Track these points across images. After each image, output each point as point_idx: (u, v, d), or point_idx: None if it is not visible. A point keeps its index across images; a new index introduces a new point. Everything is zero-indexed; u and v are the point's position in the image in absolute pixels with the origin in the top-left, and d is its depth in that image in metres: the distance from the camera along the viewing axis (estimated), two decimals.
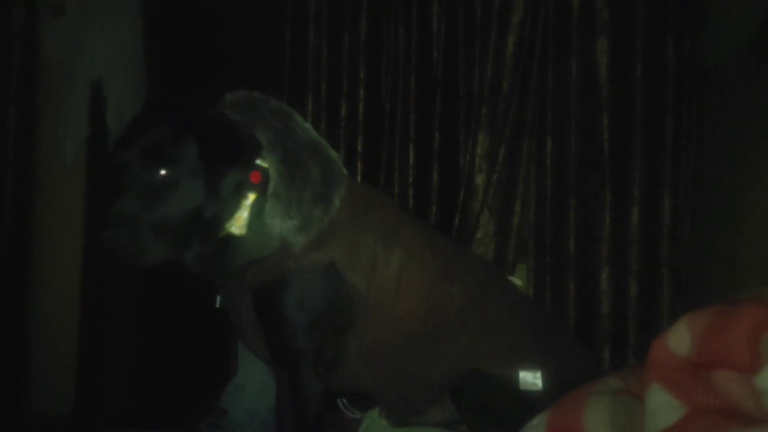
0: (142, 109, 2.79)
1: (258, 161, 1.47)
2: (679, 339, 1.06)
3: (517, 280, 1.75)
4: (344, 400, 1.78)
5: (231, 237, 1.45)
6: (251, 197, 1.46)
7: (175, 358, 2.77)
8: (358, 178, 2.73)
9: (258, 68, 2.81)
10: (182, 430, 2.04)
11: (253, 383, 1.96)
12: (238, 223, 1.45)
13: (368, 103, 2.78)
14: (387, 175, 2.76)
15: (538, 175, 2.68)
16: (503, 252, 2.67)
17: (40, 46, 2.85)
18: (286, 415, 1.51)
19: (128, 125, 1.51)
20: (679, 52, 2.60)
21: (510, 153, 2.67)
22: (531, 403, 1.38)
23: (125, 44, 2.82)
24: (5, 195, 2.76)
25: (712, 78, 2.56)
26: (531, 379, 1.47)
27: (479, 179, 2.70)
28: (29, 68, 2.84)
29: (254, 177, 1.46)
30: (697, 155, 2.60)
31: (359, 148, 2.77)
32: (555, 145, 2.65)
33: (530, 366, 1.49)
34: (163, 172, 1.37)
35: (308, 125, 1.57)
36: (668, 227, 2.58)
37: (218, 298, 1.58)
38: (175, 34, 2.94)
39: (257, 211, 1.45)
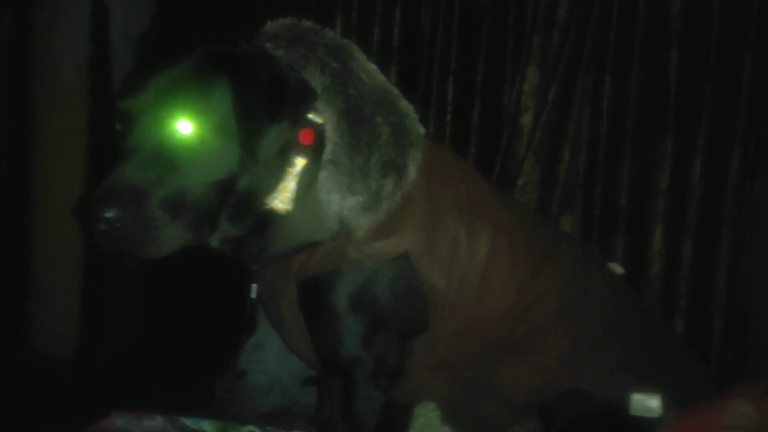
0: (150, 25, 2.48)
1: (310, 115, 1.15)
2: None
3: (618, 268, 1.48)
4: None
5: (273, 214, 1.15)
6: (300, 163, 1.15)
7: (187, 304, 2.58)
8: None
9: None
10: (195, 392, 1.85)
11: (274, 342, 1.75)
12: (283, 196, 1.14)
13: (404, 27, 2.48)
14: (422, 110, 2.44)
15: (592, 117, 2.39)
16: (548, 202, 2.42)
17: None
18: (336, 428, 1.27)
19: (139, 49, 1.18)
20: None
21: (562, 91, 2.38)
22: None
23: None
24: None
25: None
26: (647, 403, 1.20)
27: (525, 119, 2.43)
28: None
29: (304, 136, 1.15)
30: None
31: (392, 79, 2.45)
32: (614, 84, 2.35)
33: (646, 387, 1.21)
34: (182, 127, 1.05)
35: (373, 66, 1.23)
36: (734, 183, 2.31)
37: (253, 286, 1.28)
38: None
39: (307, 181, 1.15)
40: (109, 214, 0.99)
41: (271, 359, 1.76)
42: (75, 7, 2.49)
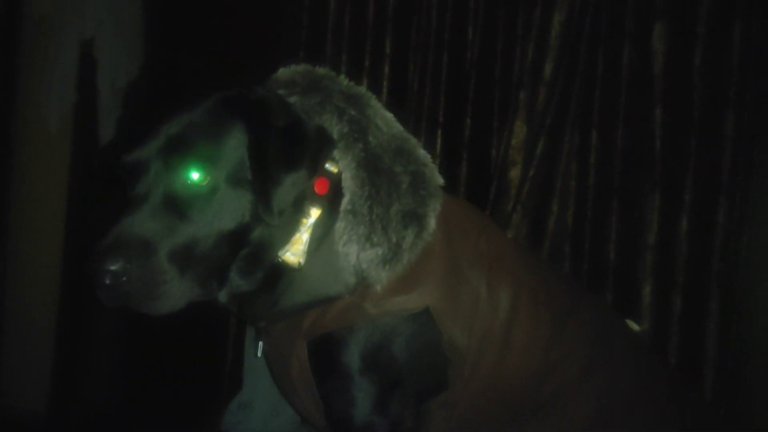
0: (137, 75, 2.47)
1: (326, 164, 1.12)
2: None
3: (634, 325, 1.44)
4: None
5: (284, 267, 1.10)
6: (314, 214, 1.11)
7: (167, 359, 2.49)
8: None
9: (271, 34, 2.49)
10: None
11: (260, 402, 1.68)
12: (295, 248, 1.09)
13: (393, 81, 2.50)
14: None
15: (579, 172, 2.40)
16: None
17: None
18: None
19: (126, 98, 1.16)
20: (745, 41, 2.30)
21: (549, 146, 2.39)
22: None
23: (122, 1, 2.50)
24: None
25: None
26: None
27: (513, 173, 2.43)
28: (12, 21, 2.52)
29: (320, 186, 1.11)
30: (760, 159, 2.32)
31: None
32: (600, 139, 2.37)
33: None
34: (195, 175, 1.01)
35: (390, 115, 1.20)
36: (722, 238, 2.31)
37: (260, 344, 1.22)
38: None
39: (321, 233, 1.10)
40: (114, 267, 0.94)
41: (258, 420, 1.68)
42: (63, 55, 2.49)
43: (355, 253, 1.08)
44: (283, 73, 1.21)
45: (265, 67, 1.32)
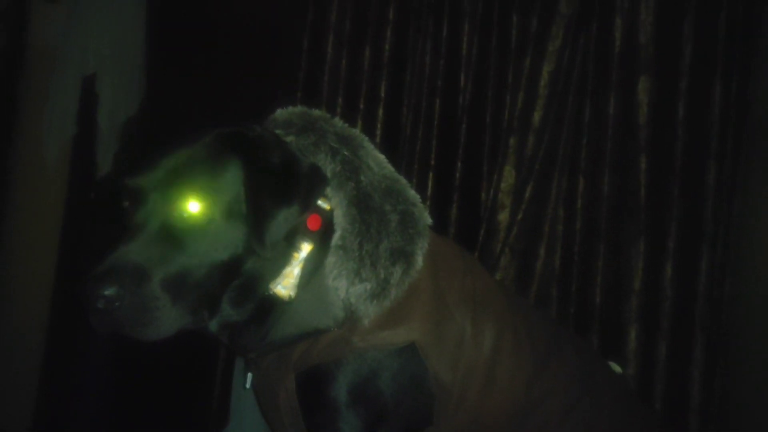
0: (137, 111, 2.52)
1: (319, 201, 1.16)
2: None
3: (616, 367, 1.47)
4: None
5: (275, 300, 1.13)
6: (306, 249, 1.14)
7: (154, 389, 2.47)
8: None
9: (270, 75, 2.56)
10: None
11: None
12: (286, 282, 1.12)
13: (387, 124, 2.56)
14: None
15: (566, 216, 2.46)
16: (524, 298, 2.42)
17: (30, 31, 2.58)
18: None
19: (125, 135, 1.20)
20: (726, 95, 2.39)
21: (537, 191, 2.45)
22: None
23: (124, 37, 2.58)
24: None
25: (761, 123, 2.36)
26: None
27: (502, 217, 2.47)
28: (15, 54, 2.57)
29: (312, 222, 1.15)
30: (741, 208, 2.39)
31: None
32: (587, 185, 2.44)
33: None
34: (191, 206, 1.04)
35: (382, 156, 1.25)
36: (705, 285, 2.35)
37: (249, 376, 1.24)
38: (179, 29, 2.68)
39: (312, 268, 1.14)
40: (108, 292, 0.97)
41: None
42: (64, 88, 2.53)
43: (345, 288, 1.11)
44: (280, 113, 1.26)
45: (262, 107, 1.37)
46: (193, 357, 2.35)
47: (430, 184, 2.50)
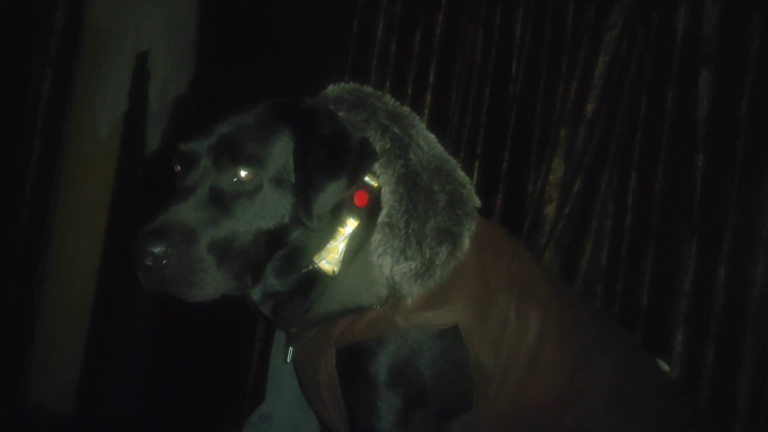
0: (187, 90, 2.55)
1: (366, 178, 1.15)
2: None
3: (664, 365, 1.42)
4: None
5: (319, 274, 1.13)
6: (352, 224, 1.13)
7: (191, 369, 2.51)
8: None
9: (318, 58, 2.55)
10: None
11: (281, 416, 1.68)
12: (331, 257, 1.12)
13: (434, 110, 2.53)
14: None
15: (615, 212, 2.38)
16: None
17: (87, 7, 2.63)
18: None
19: (174, 111, 1.21)
20: None
21: (586, 184, 2.39)
22: None
23: (178, 16, 2.60)
24: (29, 164, 2.54)
25: None
26: None
27: (549, 209, 2.42)
28: (73, 30, 2.62)
29: (359, 198, 1.14)
30: None
31: None
32: (639, 181, 2.35)
33: None
34: (241, 173, 1.05)
35: (432, 136, 1.23)
36: (759, 289, 2.25)
37: (290, 350, 1.24)
38: (232, 10, 2.69)
39: (357, 244, 1.13)
40: (157, 250, 0.98)
41: None
42: (118, 65, 2.58)
43: (389, 266, 1.10)
44: (332, 89, 1.26)
45: (310, 89, 1.36)
46: (232, 336, 2.38)
47: (475, 173, 2.47)
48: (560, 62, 2.42)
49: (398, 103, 1.25)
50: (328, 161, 1.08)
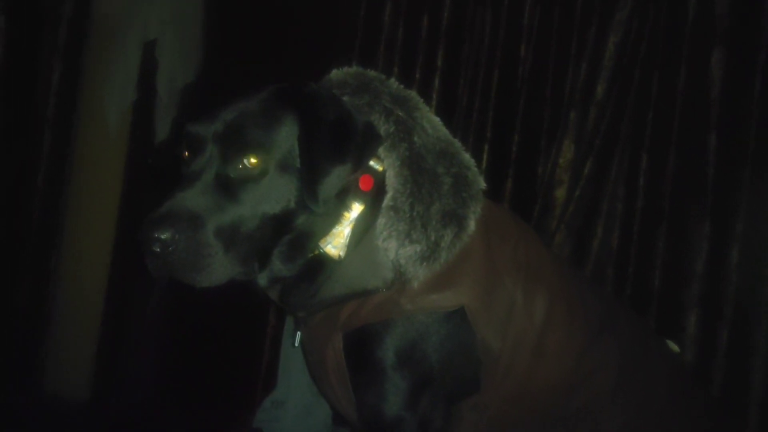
0: (195, 78, 2.55)
1: (371, 162, 1.15)
2: None
3: (674, 346, 1.41)
4: None
5: (325, 259, 1.13)
6: (357, 209, 1.14)
7: (205, 356, 2.53)
8: None
9: (325, 43, 2.54)
10: None
11: (293, 401, 1.69)
12: (336, 241, 1.12)
13: (443, 94, 2.51)
14: None
15: (627, 195, 2.36)
16: None
17: None
18: None
19: (183, 100, 1.21)
20: None
21: (597, 167, 2.36)
22: None
23: (184, 5, 2.59)
24: (40, 155, 2.55)
25: None
26: None
27: (559, 192, 2.40)
28: (80, 19, 2.62)
29: (364, 182, 1.14)
30: None
31: None
32: (651, 163, 2.33)
33: None
34: (247, 159, 1.05)
35: (437, 119, 1.23)
36: None
37: (298, 334, 1.25)
38: None
39: (363, 228, 1.13)
40: (164, 236, 0.99)
41: (291, 419, 1.69)
42: (126, 54, 2.58)
43: (394, 249, 1.10)
44: (336, 74, 1.26)
45: (318, 75, 1.36)
46: (244, 323, 2.40)
47: (485, 156, 2.45)
48: (569, 44, 2.40)
49: (402, 86, 1.24)
50: (333, 146, 1.08)
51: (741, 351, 2.24)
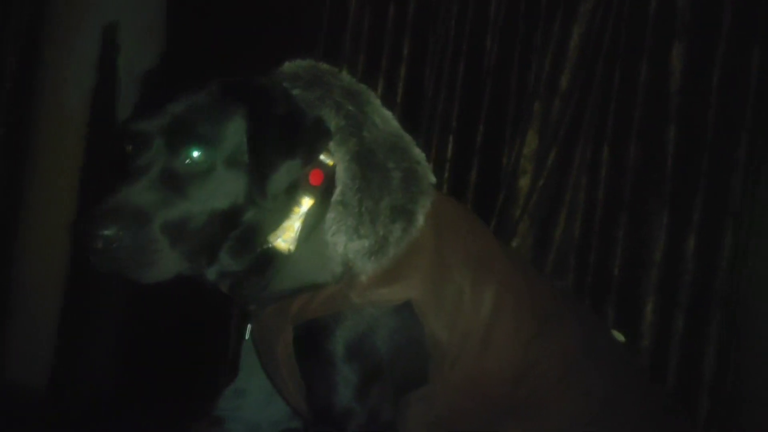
0: (158, 61, 2.50)
1: (321, 156, 1.14)
2: None
3: (619, 336, 1.45)
4: None
5: (274, 253, 1.13)
6: (307, 203, 1.13)
7: (165, 344, 2.51)
8: None
9: (290, 30, 2.51)
10: None
11: (255, 390, 1.67)
12: (286, 235, 1.11)
13: (408, 84, 2.52)
14: None
15: (589, 185, 2.40)
16: (540, 266, 2.39)
17: None
18: None
19: (145, 85, 1.19)
20: (764, 65, 2.29)
21: (560, 157, 2.40)
22: None
23: None
24: None
25: None
26: None
27: (523, 182, 2.43)
28: (38, 3, 2.54)
29: (314, 177, 1.13)
30: None
31: None
32: (612, 154, 2.37)
33: None
34: (194, 153, 1.04)
35: (388, 112, 1.22)
36: (728, 260, 2.30)
37: (248, 327, 1.25)
38: None
39: (313, 223, 1.13)
40: (107, 233, 0.98)
41: (252, 407, 1.68)
42: (85, 38, 2.52)
43: (343, 244, 1.10)
44: (288, 66, 1.24)
45: (281, 62, 1.35)
46: (209, 311, 2.38)
47: (450, 146, 2.47)
48: (534, 35, 2.42)
49: (354, 80, 1.24)
50: (282, 141, 1.08)
51: (696, 338, 2.31)
